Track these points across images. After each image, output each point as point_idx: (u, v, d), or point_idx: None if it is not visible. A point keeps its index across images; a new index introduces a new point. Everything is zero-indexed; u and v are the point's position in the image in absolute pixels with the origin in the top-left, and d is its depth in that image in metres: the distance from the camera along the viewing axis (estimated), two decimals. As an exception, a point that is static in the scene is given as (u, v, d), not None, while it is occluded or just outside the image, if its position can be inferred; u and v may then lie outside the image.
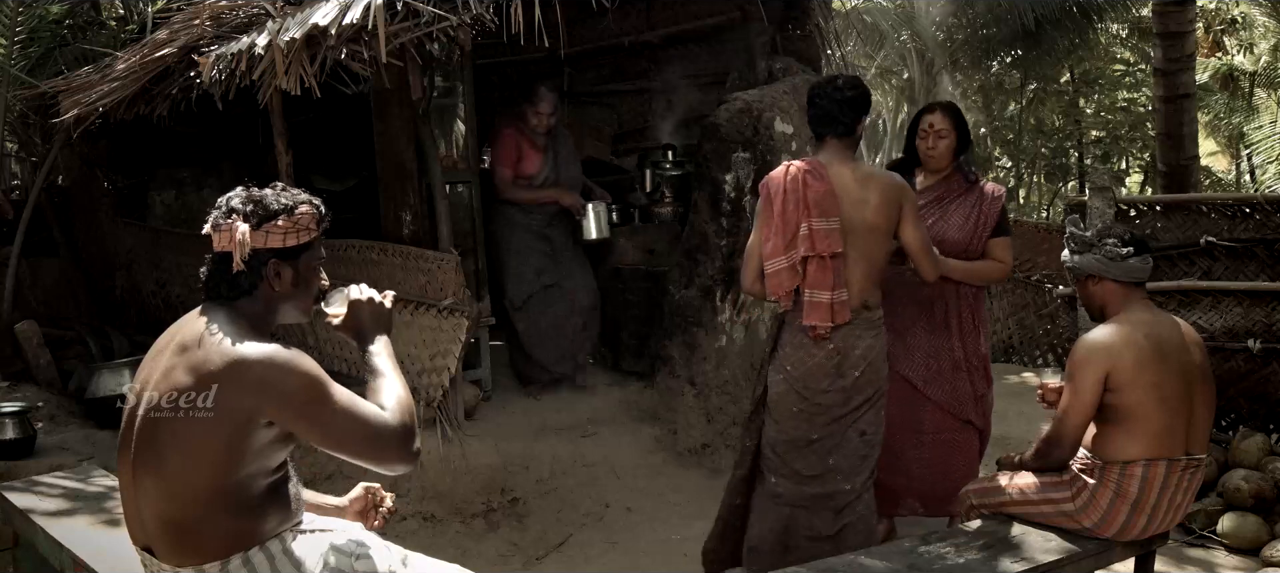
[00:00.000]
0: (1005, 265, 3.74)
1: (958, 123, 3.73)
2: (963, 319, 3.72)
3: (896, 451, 3.76)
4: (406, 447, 1.91)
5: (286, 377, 1.81)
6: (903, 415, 3.75)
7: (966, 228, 3.66)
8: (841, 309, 3.12)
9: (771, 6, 5.39)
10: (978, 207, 3.69)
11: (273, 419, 1.81)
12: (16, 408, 4.21)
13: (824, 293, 3.11)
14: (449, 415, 4.32)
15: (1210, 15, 14.02)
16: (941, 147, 3.69)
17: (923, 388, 3.71)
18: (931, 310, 3.71)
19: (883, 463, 3.77)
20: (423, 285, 4.39)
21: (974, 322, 3.75)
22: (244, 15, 4.19)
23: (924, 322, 3.72)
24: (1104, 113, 14.09)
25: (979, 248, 3.68)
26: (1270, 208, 4.32)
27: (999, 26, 11.40)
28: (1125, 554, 2.96)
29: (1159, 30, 6.60)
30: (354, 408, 1.87)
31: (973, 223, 3.67)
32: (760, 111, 4.79)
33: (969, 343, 3.73)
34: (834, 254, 3.10)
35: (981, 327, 3.78)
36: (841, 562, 2.80)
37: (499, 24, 3.63)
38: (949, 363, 3.71)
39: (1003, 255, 3.71)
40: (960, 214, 3.69)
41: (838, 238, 3.11)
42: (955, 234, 3.66)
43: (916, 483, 3.75)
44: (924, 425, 3.73)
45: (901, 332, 3.73)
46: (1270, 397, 4.25)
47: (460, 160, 5.25)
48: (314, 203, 2.02)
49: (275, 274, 1.96)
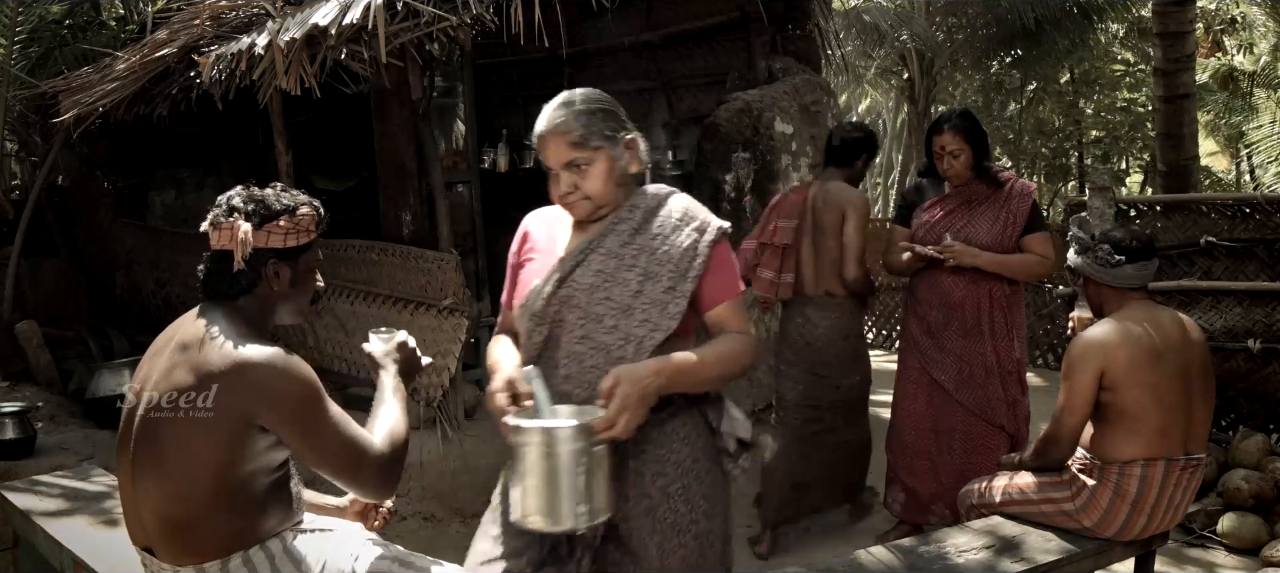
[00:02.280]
0: (1045, 259, 3.67)
1: (970, 136, 3.66)
2: (995, 323, 3.67)
3: (928, 455, 3.74)
4: (385, 479, 1.92)
5: (284, 381, 1.81)
6: (935, 421, 3.72)
7: (996, 229, 3.63)
8: (785, 288, 3.90)
9: (771, 6, 5.39)
10: (1006, 206, 3.65)
11: (264, 423, 1.81)
12: (16, 408, 4.21)
13: (768, 272, 3.91)
14: (449, 416, 4.32)
15: (1210, 15, 14.02)
16: (958, 165, 3.66)
17: (954, 392, 3.68)
18: (963, 313, 3.67)
19: (914, 468, 3.76)
20: (423, 285, 4.39)
21: (1007, 325, 3.69)
22: (244, 15, 4.19)
23: (957, 325, 3.68)
24: (1104, 113, 14.09)
25: (1011, 246, 3.65)
26: (1270, 208, 4.32)
27: (999, 26, 11.40)
28: (1125, 554, 2.96)
29: (1159, 30, 6.60)
30: (344, 426, 1.87)
31: (1002, 223, 3.64)
32: (760, 111, 4.79)
33: (1002, 348, 3.68)
34: (785, 245, 3.85)
35: (1016, 331, 3.71)
36: (841, 562, 2.80)
37: (499, 24, 3.63)
38: (981, 368, 3.67)
39: (1041, 249, 3.66)
40: (989, 215, 3.66)
41: (789, 233, 3.84)
42: (984, 236, 3.63)
43: (947, 490, 3.66)
44: (955, 430, 3.70)
45: (936, 335, 3.71)
46: (1270, 397, 4.25)
47: (460, 160, 5.25)
48: (314, 204, 2.03)
49: (274, 274, 1.96)
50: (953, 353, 3.68)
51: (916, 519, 3.78)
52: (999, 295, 3.67)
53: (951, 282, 3.67)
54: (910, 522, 3.81)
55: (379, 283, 4.59)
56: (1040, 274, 3.80)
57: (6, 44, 5.68)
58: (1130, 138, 13.92)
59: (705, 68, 6.10)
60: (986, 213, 3.66)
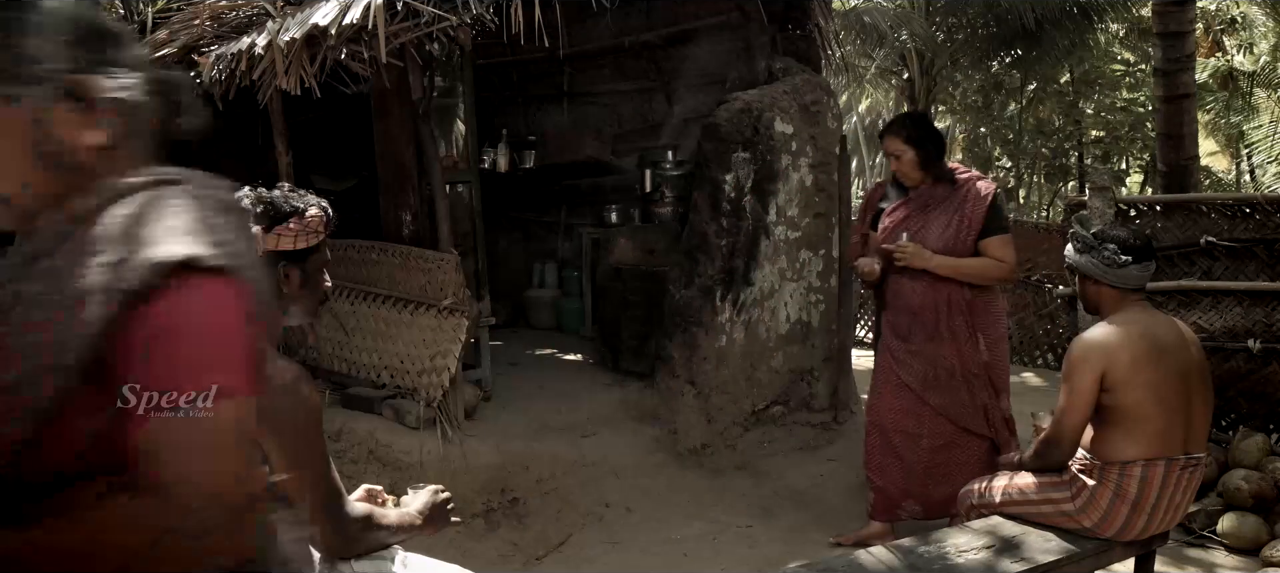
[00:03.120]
0: (1002, 262, 3.66)
1: (913, 137, 3.67)
2: (955, 327, 3.68)
3: (897, 452, 3.77)
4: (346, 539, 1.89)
5: (286, 400, 1.80)
6: (904, 421, 3.76)
7: (949, 232, 3.63)
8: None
9: (771, 6, 5.39)
10: (960, 209, 3.64)
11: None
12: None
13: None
14: (449, 415, 4.32)
15: (1210, 15, 14.02)
16: (902, 166, 3.69)
17: (922, 394, 3.71)
18: (923, 318, 3.70)
19: (884, 467, 3.80)
20: (423, 285, 4.39)
21: (970, 329, 3.69)
22: (244, 15, 4.19)
23: (920, 329, 3.71)
24: (1104, 113, 14.09)
25: (966, 249, 3.63)
26: (1270, 208, 4.31)
27: (999, 26, 11.40)
28: (1125, 554, 2.96)
29: (1159, 30, 6.59)
30: (330, 465, 1.86)
31: (955, 226, 3.63)
32: (760, 111, 4.79)
33: (966, 351, 3.68)
34: None
35: (985, 335, 3.71)
36: (841, 561, 2.81)
37: (499, 24, 3.63)
38: (945, 371, 3.69)
39: (999, 253, 3.64)
40: (942, 218, 3.66)
41: None
42: (937, 239, 3.64)
43: (915, 485, 3.75)
44: (924, 432, 3.73)
45: (904, 338, 3.74)
46: (1270, 397, 4.24)
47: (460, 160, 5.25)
48: (322, 205, 2.03)
49: (284, 276, 1.96)
50: (920, 355, 3.72)
51: (886, 517, 3.84)
52: (957, 299, 3.66)
53: (910, 287, 3.71)
54: (880, 519, 3.86)
55: (379, 283, 4.59)
56: (998, 277, 3.72)
57: (6, 44, 5.66)
58: (1130, 138, 13.93)
59: (705, 68, 6.10)
60: (940, 215, 3.67)
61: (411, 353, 4.41)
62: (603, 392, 5.15)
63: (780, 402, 5.03)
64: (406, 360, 4.44)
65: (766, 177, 4.81)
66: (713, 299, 4.78)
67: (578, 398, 5.04)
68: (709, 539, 4.04)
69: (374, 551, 1.97)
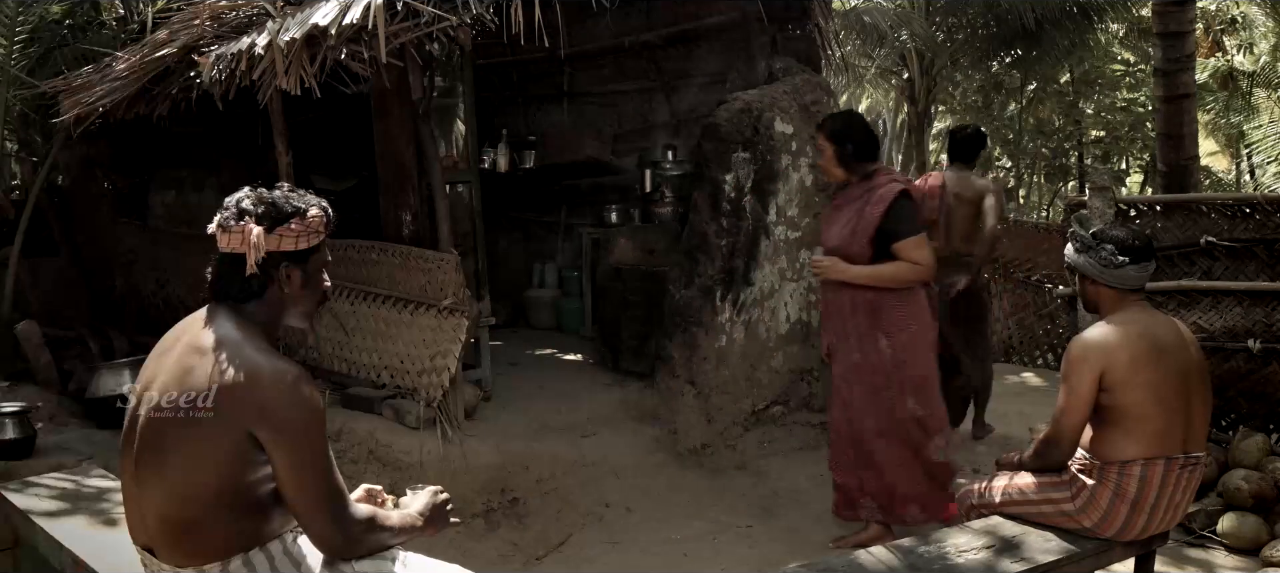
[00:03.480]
0: (917, 265, 3.56)
1: (832, 132, 3.66)
2: (858, 327, 3.66)
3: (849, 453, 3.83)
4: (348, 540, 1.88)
5: (289, 400, 1.80)
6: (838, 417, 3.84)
7: (844, 232, 3.61)
8: None
9: (771, 6, 5.39)
10: (861, 209, 3.59)
11: (259, 435, 1.80)
12: (16, 408, 4.20)
13: None
14: (449, 415, 4.32)
15: (1210, 15, 14.02)
16: (824, 162, 3.74)
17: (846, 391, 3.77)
18: (830, 319, 3.80)
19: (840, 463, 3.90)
20: (423, 285, 4.39)
21: (872, 330, 3.64)
22: (244, 15, 4.19)
23: (831, 329, 3.81)
24: (1104, 113, 14.10)
25: (858, 251, 3.57)
26: (1270, 208, 4.31)
27: (999, 26, 11.40)
28: (1125, 554, 2.96)
29: (1159, 30, 6.60)
30: (332, 465, 1.86)
31: (851, 227, 3.59)
32: (760, 111, 4.79)
33: (868, 351, 3.65)
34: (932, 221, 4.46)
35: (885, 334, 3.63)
36: (841, 561, 2.81)
37: (499, 24, 3.63)
38: (852, 369, 3.73)
39: (912, 255, 3.55)
40: (842, 219, 3.66)
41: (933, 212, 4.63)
42: (833, 239, 3.65)
43: (871, 488, 3.78)
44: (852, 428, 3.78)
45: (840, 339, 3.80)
46: (1270, 397, 4.24)
47: (460, 160, 5.25)
48: (323, 205, 2.03)
49: (286, 277, 1.96)
50: (836, 354, 3.79)
51: (847, 516, 3.90)
52: (859, 300, 3.65)
53: (824, 288, 3.82)
54: (842, 517, 3.93)
55: (379, 283, 4.59)
56: (915, 280, 3.62)
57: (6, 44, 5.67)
58: (1130, 138, 13.93)
59: (705, 68, 6.10)
60: (843, 215, 3.67)
61: (411, 353, 4.41)
62: (603, 392, 5.15)
63: (780, 402, 5.03)
64: (406, 360, 4.44)
65: (766, 176, 4.81)
66: (713, 299, 4.78)
67: (578, 398, 5.04)
68: (709, 539, 4.04)
69: (376, 552, 1.97)
